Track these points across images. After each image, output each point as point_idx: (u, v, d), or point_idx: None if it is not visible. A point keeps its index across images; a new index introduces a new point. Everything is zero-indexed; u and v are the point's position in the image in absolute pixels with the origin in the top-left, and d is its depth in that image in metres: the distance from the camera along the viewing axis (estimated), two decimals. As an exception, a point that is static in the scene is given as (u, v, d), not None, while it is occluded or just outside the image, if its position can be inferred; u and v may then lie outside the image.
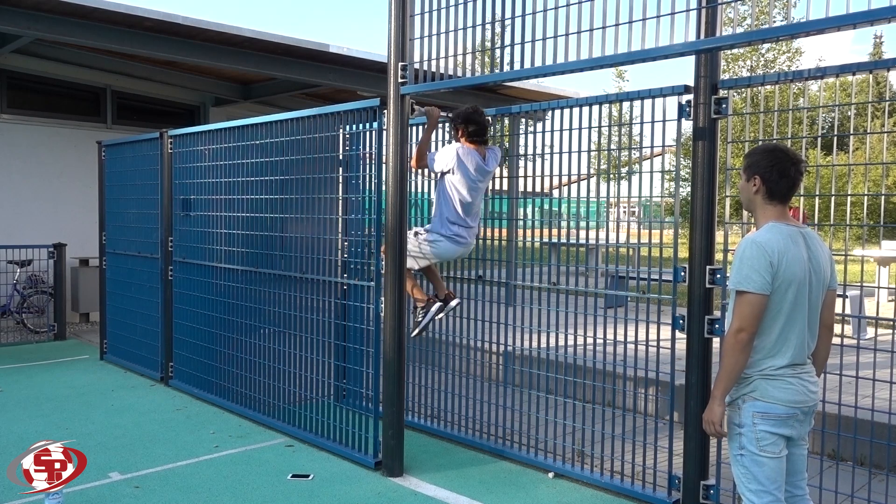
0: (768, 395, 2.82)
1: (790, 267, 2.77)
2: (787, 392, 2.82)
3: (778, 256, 2.76)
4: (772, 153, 2.88)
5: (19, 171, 10.31)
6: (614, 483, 4.51)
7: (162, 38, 8.28)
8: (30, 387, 6.95)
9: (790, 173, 2.85)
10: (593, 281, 4.91)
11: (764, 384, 2.83)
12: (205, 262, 6.58)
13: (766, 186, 2.87)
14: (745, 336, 2.77)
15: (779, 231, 2.82)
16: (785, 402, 2.81)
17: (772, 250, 2.76)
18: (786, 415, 2.82)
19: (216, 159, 6.41)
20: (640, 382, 5.27)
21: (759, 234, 2.84)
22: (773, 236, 2.80)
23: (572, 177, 4.87)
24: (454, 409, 5.52)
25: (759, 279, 2.74)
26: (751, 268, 2.76)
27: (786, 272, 2.77)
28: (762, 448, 2.82)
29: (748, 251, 2.79)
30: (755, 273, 2.75)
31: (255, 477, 4.71)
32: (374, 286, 4.91)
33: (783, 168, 2.84)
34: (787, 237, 2.81)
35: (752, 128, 12.22)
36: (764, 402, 2.82)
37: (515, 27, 4.14)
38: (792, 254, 2.79)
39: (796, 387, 2.83)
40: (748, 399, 2.85)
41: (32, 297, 9.79)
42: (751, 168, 2.91)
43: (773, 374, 2.82)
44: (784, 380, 2.82)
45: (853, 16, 2.91)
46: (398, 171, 4.67)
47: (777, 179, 2.85)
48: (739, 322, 2.78)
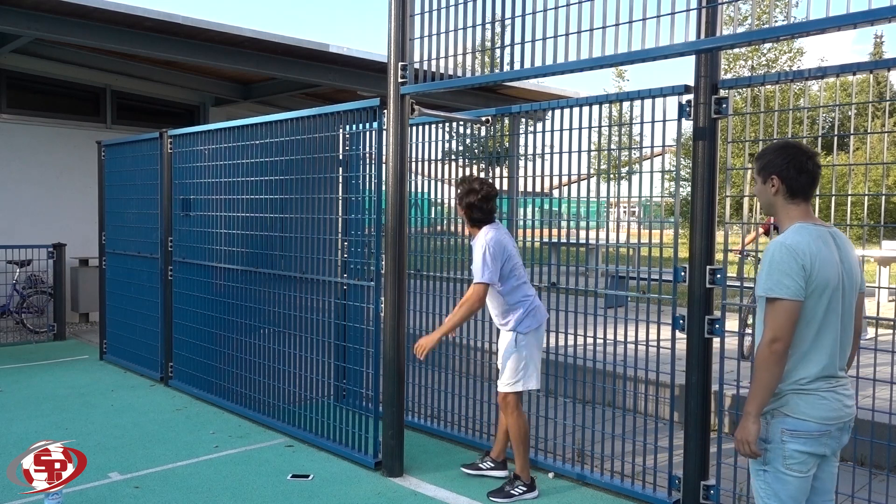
0: (799, 410, 2.60)
1: (823, 270, 2.57)
2: (819, 408, 2.60)
3: (810, 259, 2.55)
4: (784, 150, 2.72)
5: (19, 171, 10.31)
6: (614, 483, 4.51)
7: (162, 38, 8.28)
8: (29, 387, 6.94)
9: (808, 167, 2.67)
10: (593, 281, 4.91)
11: (795, 399, 2.61)
12: (205, 262, 6.58)
13: (786, 185, 2.68)
14: (781, 347, 2.55)
15: (808, 232, 2.62)
16: (818, 419, 2.59)
17: (803, 253, 2.55)
18: (818, 432, 2.60)
19: (216, 159, 6.41)
20: (640, 382, 5.27)
21: (788, 236, 2.63)
22: (803, 238, 2.60)
23: (572, 177, 4.86)
24: (454, 409, 5.52)
25: (792, 284, 2.53)
26: (782, 272, 2.54)
27: (819, 276, 2.56)
28: (788, 466, 2.61)
29: (777, 255, 2.57)
30: (787, 278, 2.54)
31: (255, 477, 4.70)
32: (374, 286, 4.90)
33: (800, 163, 2.67)
34: (816, 238, 2.61)
35: (752, 128, 12.22)
36: (794, 419, 2.60)
37: (515, 27, 4.14)
38: (824, 256, 2.59)
39: (830, 402, 2.61)
40: (777, 414, 2.64)
41: (32, 297, 9.78)
42: (766, 169, 2.73)
43: (806, 388, 2.60)
44: (817, 394, 2.60)
45: (853, 15, 2.91)
46: (398, 171, 4.67)
47: (796, 176, 2.67)
48: (773, 332, 2.55)
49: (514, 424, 4.45)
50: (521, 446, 4.44)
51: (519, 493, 4.40)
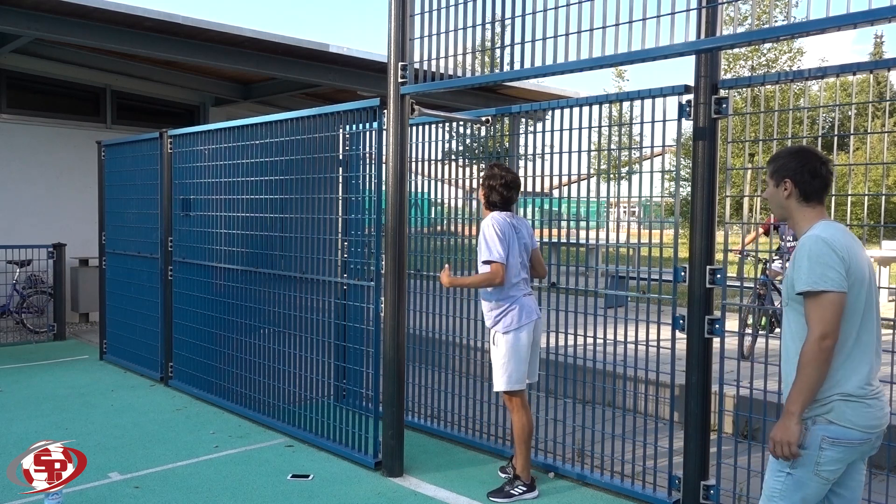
0: (845, 418, 2.47)
1: (858, 264, 2.51)
2: (866, 416, 2.49)
3: (847, 252, 2.49)
4: (799, 154, 2.71)
5: (19, 171, 10.31)
6: (614, 483, 4.51)
7: (162, 38, 8.28)
8: (29, 387, 6.94)
9: (821, 172, 2.66)
10: (593, 281, 4.91)
11: (842, 406, 2.48)
12: (205, 262, 6.58)
13: (799, 189, 2.66)
14: (831, 343, 2.43)
15: (836, 227, 2.59)
16: (863, 427, 2.49)
17: (840, 245, 2.49)
18: (860, 440, 2.50)
19: (216, 159, 6.41)
20: (640, 382, 5.27)
21: (820, 229, 2.56)
22: (835, 232, 2.54)
23: (572, 177, 4.86)
24: (454, 409, 5.52)
25: (835, 276, 2.44)
26: (825, 265, 2.45)
27: (856, 270, 2.50)
28: (818, 472, 2.51)
29: (815, 248, 2.49)
30: (831, 270, 2.44)
31: (255, 477, 4.70)
32: (374, 286, 4.90)
33: (813, 168, 2.65)
34: (845, 233, 2.58)
35: (752, 128, 12.23)
36: (839, 427, 2.48)
37: (515, 27, 4.14)
38: (855, 250, 2.54)
39: (874, 409, 2.50)
40: (820, 421, 2.50)
41: (32, 297, 9.78)
42: (779, 172, 2.71)
43: (855, 395, 2.48)
44: (864, 401, 2.49)
45: (853, 15, 2.91)
46: (398, 171, 4.67)
47: (809, 180, 2.65)
48: (822, 327, 2.42)
49: (515, 423, 4.47)
50: (522, 445, 4.44)
51: (519, 493, 4.40)
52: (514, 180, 4.52)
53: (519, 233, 4.48)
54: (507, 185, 4.47)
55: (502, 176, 4.48)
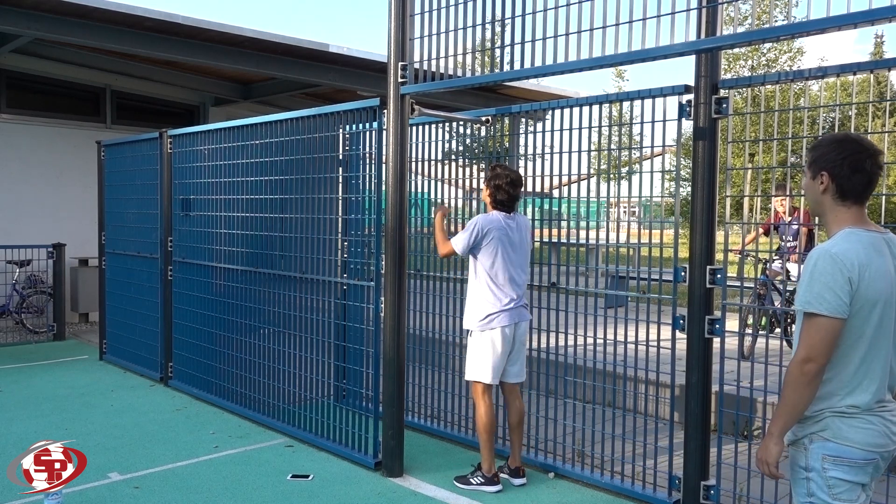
0: (842, 435, 2.32)
1: (873, 283, 2.28)
2: (865, 433, 2.32)
3: (858, 271, 2.25)
4: (841, 144, 2.38)
5: (19, 171, 10.30)
6: (614, 483, 4.50)
7: (162, 38, 8.28)
8: (29, 387, 6.94)
9: (866, 167, 2.34)
10: (593, 281, 4.91)
11: (837, 422, 2.33)
12: (204, 262, 6.57)
13: (837, 184, 2.35)
14: (814, 368, 2.27)
15: (858, 239, 2.31)
16: (863, 446, 2.32)
17: (851, 264, 2.25)
18: (863, 460, 2.33)
19: (216, 159, 6.41)
20: (640, 382, 5.26)
21: (834, 243, 2.33)
22: (852, 246, 2.29)
23: (572, 177, 4.86)
24: (454, 409, 5.52)
25: (833, 300, 2.24)
26: (824, 285, 2.25)
27: (868, 290, 2.27)
28: (835, 496, 2.34)
29: (820, 264, 2.28)
30: (829, 292, 2.25)
31: (255, 477, 4.70)
32: (374, 286, 4.90)
33: (856, 161, 2.33)
34: (868, 246, 2.31)
35: (752, 128, 12.22)
36: (836, 444, 2.33)
37: (515, 27, 4.14)
38: (875, 267, 2.29)
39: (877, 427, 2.33)
40: (816, 439, 2.36)
41: (32, 298, 9.78)
42: (816, 163, 2.40)
43: (848, 412, 2.33)
44: (862, 418, 2.33)
45: (854, 15, 2.91)
46: (398, 171, 4.67)
47: (849, 175, 2.34)
48: (807, 350, 2.27)
49: (476, 413, 4.57)
50: (482, 436, 4.53)
51: (476, 483, 4.51)
52: (518, 178, 4.60)
53: (513, 232, 4.52)
54: (512, 183, 4.53)
55: (507, 175, 4.53)
